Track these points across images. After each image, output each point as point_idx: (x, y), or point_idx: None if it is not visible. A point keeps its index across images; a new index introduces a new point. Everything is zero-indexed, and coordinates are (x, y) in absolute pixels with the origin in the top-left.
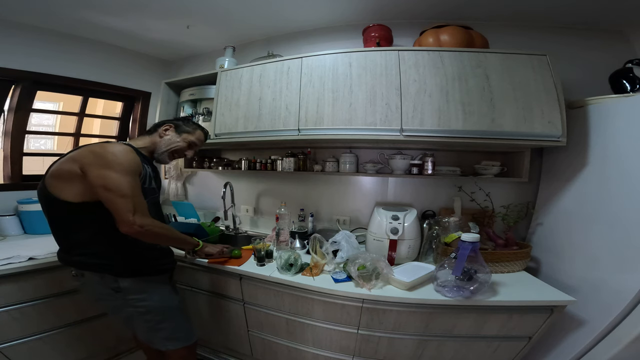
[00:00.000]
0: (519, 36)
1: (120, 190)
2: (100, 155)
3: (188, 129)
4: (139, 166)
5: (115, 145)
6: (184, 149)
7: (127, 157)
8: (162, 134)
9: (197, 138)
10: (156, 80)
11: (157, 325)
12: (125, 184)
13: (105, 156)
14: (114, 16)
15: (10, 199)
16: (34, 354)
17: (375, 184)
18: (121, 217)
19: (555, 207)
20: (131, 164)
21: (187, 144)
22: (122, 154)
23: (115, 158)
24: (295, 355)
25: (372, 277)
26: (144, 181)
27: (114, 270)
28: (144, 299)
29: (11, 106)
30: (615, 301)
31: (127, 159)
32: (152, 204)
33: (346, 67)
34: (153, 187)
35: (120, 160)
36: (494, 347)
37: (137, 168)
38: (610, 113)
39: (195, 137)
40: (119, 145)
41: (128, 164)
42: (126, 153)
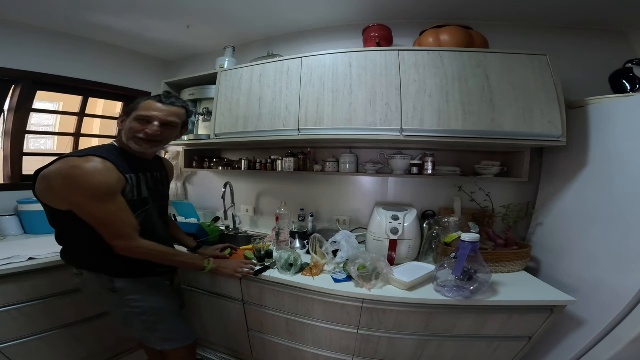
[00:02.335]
0: (519, 36)
1: (96, 219)
2: (70, 180)
3: (134, 107)
4: (114, 185)
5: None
6: (139, 130)
7: (99, 180)
8: (120, 127)
9: (145, 109)
10: (156, 80)
11: (154, 326)
12: (99, 213)
13: (74, 181)
14: (114, 16)
15: (10, 199)
16: (34, 354)
17: (375, 184)
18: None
19: (555, 207)
20: (103, 186)
21: (137, 123)
22: (93, 176)
23: (85, 183)
24: (295, 355)
25: (372, 277)
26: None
27: (109, 271)
28: (140, 300)
29: (11, 106)
30: (615, 301)
31: (99, 182)
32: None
33: (346, 67)
34: (144, 197)
35: (90, 186)
36: (494, 347)
37: (111, 189)
38: (610, 113)
39: (143, 110)
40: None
41: (99, 188)
42: (98, 173)
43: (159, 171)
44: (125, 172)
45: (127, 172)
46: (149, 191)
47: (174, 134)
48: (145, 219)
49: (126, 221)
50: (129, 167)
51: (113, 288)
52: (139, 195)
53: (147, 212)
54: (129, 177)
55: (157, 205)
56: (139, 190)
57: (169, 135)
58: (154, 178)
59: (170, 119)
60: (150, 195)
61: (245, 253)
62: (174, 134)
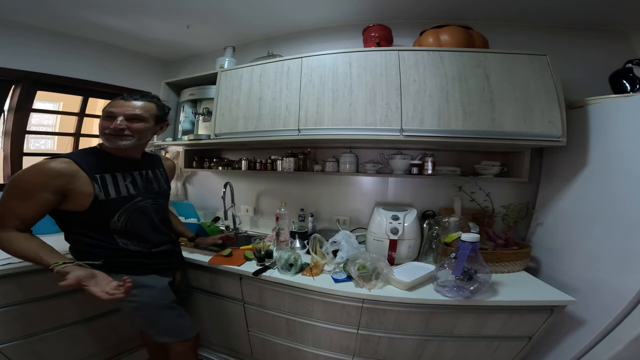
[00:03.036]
0: (519, 36)
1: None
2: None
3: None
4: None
5: (44, 163)
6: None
7: (27, 177)
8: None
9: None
10: (156, 80)
11: (152, 320)
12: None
13: (16, 173)
14: (114, 16)
15: None
16: (34, 354)
17: (375, 184)
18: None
19: (555, 207)
20: (25, 183)
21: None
22: (28, 173)
23: (18, 176)
24: (295, 355)
25: (372, 277)
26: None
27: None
28: (136, 295)
29: (11, 106)
30: (615, 301)
31: (25, 179)
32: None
33: (346, 67)
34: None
35: (16, 180)
36: (494, 347)
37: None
38: (610, 113)
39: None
40: (51, 162)
41: (20, 183)
42: (34, 173)
43: (152, 169)
44: (95, 173)
45: (99, 172)
46: (136, 189)
47: (145, 128)
48: (129, 218)
49: (11, 214)
50: (105, 167)
51: None
52: (117, 194)
53: (129, 210)
54: (98, 177)
55: (150, 203)
56: (116, 190)
57: (139, 129)
58: (144, 176)
59: (135, 112)
60: (138, 192)
61: (245, 253)
62: (145, 127)
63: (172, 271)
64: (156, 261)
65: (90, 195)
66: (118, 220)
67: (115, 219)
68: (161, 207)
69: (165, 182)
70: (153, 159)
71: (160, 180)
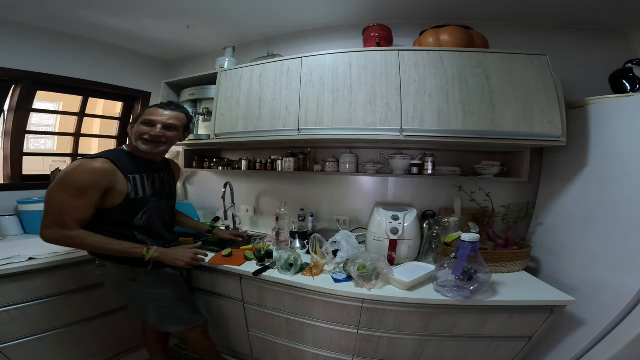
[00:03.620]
0: (519, 36)
1: (47, 204)
2: (64, 171)
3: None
4: (93, 184)
5: (92, 161)
6: (145, 132)
7: (78, 176)
8: (129, 132)
9: (149, 114)
10: (156, 80)
11: (169, 311)
12: (54, 199)
13: (65, 173)
14: (113, 16)
15: (10, 199)
16: (34, 354)
17: (375, 184)
18: (42, 228)
19: (555, 207)
20: (80, 183)
21: (143, 125)
22: (78, 171)
23: (69, 176)
24: (295, 355)
25: (372, 277)
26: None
27: (131, 262)
28: (157, 288)
29: (11, 106)
30: (615, 301)
31: (76, 177)
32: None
33: (346, 67)
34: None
35: (68, 177)
36: (494, 347)
37: (86, 186)
38: (610, 113)
39: (148, 115)
40: (96, 161)
41: (72, 181)
42: (84, 170)
43: (166, 172)
44: (129, 173)
45: (131, 173)
46: (154, 191)
47: (176, 136)
48: (150, 216)
49: (73, 214)
50: (135, 168)
51: (133, 277)
52: (144, 194)
53: (151, 209)
54: (131, 177)
55: (164, 204)
56: (143, 190)
57: (172, 137)
58: (161, 178)
59: (171, 121)
60: (155, 194)
61: (245, 253)
62: (177, 136)
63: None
64: None
65: (124, 193)
66: (141, 217)
67: (139, 216)
68: (171, 208)
69: (174, 184)
70: (167, 162)
71: (171, 183)
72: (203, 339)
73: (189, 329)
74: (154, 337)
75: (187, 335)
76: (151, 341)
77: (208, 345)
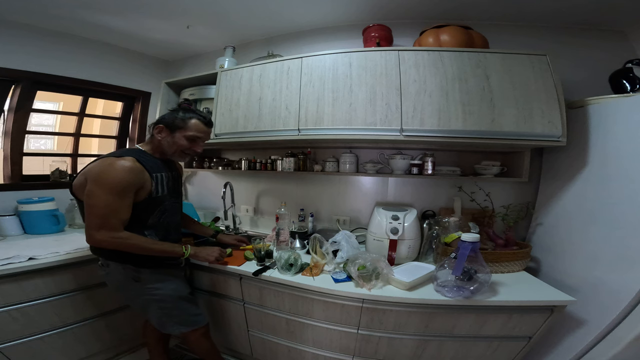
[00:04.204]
0: (519, 36)
1: (92, 207)
2: (99, 172)
3: (180, 124)
4: (130, 183)
5: (123, 160)
6: (187, 147)
7: (120, 175)
8: (158, 136)
9: (195, 130)
10: (156, 80)
11: (171, 312)
12: (99, 202)
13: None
14: (114, 16)
15: (10, 199)
16: (34, 354)
17: (375, 184)
18: (86, 230)
19: (555, 207)
20: (118, 181)
21: (187, 141)
22: (117, 171)
23: (108, 175)
24: (295, 355)
25: (372, 277)
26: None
27: (135, 262)
28: (160, 288)
29: (11, 106)
30: (615, 301)
31: (118, 177)
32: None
33: (346, 67)
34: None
35: (109, 177)
36: (494, 347)
37: (125, 186)
38: (610, 113)
39: (193, 130)
40: (127, 160)
41: (115, 181)
42: (122, 169)
43: (175, 171)
44: (153, 172)
45: (154, 171)
46: (169, 189)
47: None
48: (165, 214)
49: (118, 214)
50: (156, 167)
51: (137, 277)
52: (162, 193)
53: (165, 207)
54: (155, 175)
55: (176, 202)
56: (162, 188)
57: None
58: (174, 177)
59: (209, 138)
60: (169, 192)
61: (245, 253)
62: None
63: (184, 267)
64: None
65: (147, 192)
66: (156, 215)
67: (154, 215)
68: (180, 207)
69: (181, 183)
70: (175, 162)
71: (180, 182)
72: (204, 340)
73: (191, 330)
74: (154, 337)
75: (188, 336)
76: (151, 341)
77: (209, 346)
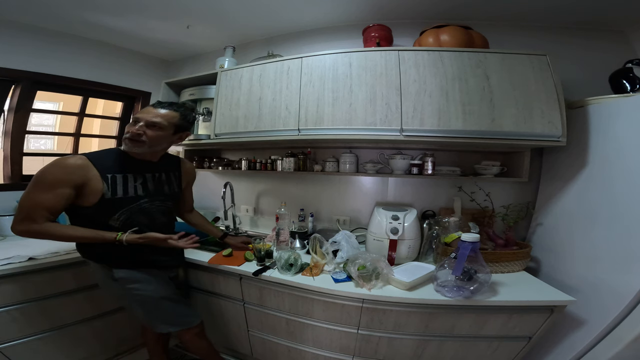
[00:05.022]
0: (519, 36)
1: (21, 200)
2: (39, 170)
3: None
4: (60, 180)
5: (67, 160)
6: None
7: (50, 171)
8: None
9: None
10: (156, 80)
11: (154, 312)
12: (25, 195)
13: (39, 170)
14: (114, 16)
15: (10, 199)
16: (34, 354)
17: (375, 184)
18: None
19: (555, 207)
20: (47, 176)
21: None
22: (52, 167)
23: (42, 172)
24: (295, 355)
25: (372, 277)
26: (110, 192)
27: (110, 262)
28: (139, 289)
29: (11, 106)
30: (615, 301)
31: (48, 173)
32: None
33: (346, 67)
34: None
35: (40, 175)
36: (494, 347)
37: (54, 181)
38: (610, 113)
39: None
40: (72, 157)
41: (43, 176)
42: (57, 166)
43: (167, 172)
44: (107, 172)
45: (111, 172)
46: (145, 190)
47: (161, 137)
48: (129, 217)
49: (40, 207)
50: (120, 168)
51: (114, 277)
52: (124, 194)
53: (131, 210)
54: (109, 176)
55: (157, 204)
56: (124, 190)
57: (154, 137)
58: (157, 178)
59: (156, 119)
60: (146, 194)
61: (245, 254)
62: (161, 136)
63: (174, 268)
64: (155, 257)
65: (99, 192)
66: (118, 218)
67: (115, 217)
68: (168, 209)
69: (177, 185)
70: (171, 162)
71: (173, 183)
72: (199, 340)
73: (183, 330)
74: (153, 337)
75: (181, 336)
76: (150, 341)
77: (205, 346)
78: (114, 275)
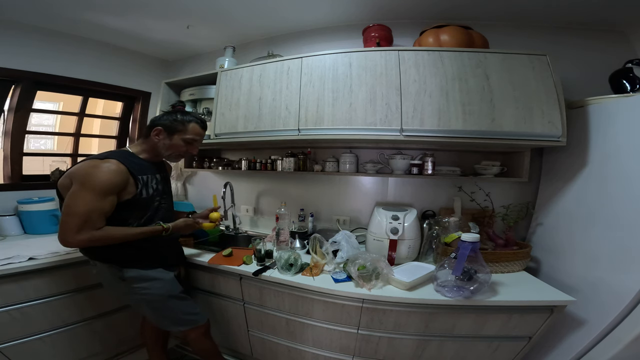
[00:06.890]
0: (519, 36)
1: (72, 207)
2: (84, 174)
3: (179, 127)
4: (114, 185)
5: (106, 162)
6: (183, 149)
7: (105, 176)
8: (155, 138)
9: (192, 133)
10: (156, 80)
11: (162, 311)
12: (82, 202)
13: (86, 175)
14: (114, 16)
15: (10, 199)
16: (34, 354)
17: (375, 184)
18: (62, 231)
19: (555, 207)
20: (103, 182)
21: (184, 143)
22: (102, 172)
23: (93, 177)
24: (295, 355)
25: (372, 277)
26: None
27: (119, 262)
28: (147, 288)
29: (11, 106)
30: (615, 301)
31: (103, 178)
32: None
33: (346, 67)
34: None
35: (94, 179)
36: (494, 347)
37: (109, 187)
38: (610, 113)
39: (191, 133)
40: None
41: (100, 183)
42: (107, 171)
43: (164, 172)
44: (138, 174)
45: (140, 174)
46: (158, 190)
47: None
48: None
49: (100, 212)
50: (142, 169)
51: (122, 277)
52: (148, 194)
53: (153, 208)
54: (140, 178)
55: (164, 203)
56: (148, 190)
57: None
58: (163, 178)
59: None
60: (159, 193)
61: (244, 258)
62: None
63: (177, 266)
64: (163, 256)
65: (131, 194)
66: (142, 216)
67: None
68: (171, 207)
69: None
70: (161, 163)
71: (169, 182)
72: (204, 339)
73: (189, 329)
74: (152, 337)
75: (187, 335)
76: (150, 341)
77: (209, 346)
78: (123, 275)
